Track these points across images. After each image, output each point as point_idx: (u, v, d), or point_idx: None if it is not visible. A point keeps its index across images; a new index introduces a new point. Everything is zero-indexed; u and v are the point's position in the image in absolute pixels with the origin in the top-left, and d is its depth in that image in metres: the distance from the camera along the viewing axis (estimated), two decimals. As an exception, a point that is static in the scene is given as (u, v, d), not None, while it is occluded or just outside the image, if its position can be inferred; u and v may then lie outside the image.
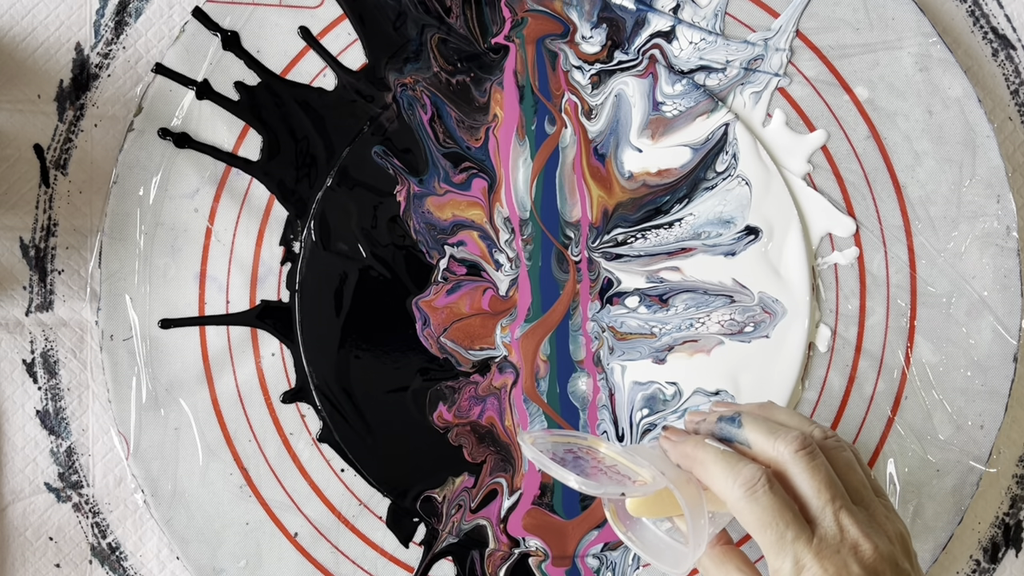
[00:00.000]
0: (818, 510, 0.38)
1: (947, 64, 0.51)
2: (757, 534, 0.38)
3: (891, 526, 0.39)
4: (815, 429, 0.40)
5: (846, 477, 0.39)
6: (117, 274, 0.50)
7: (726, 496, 0.39)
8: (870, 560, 0.37)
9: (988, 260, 0.51)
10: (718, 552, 0.42)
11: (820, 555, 0.37)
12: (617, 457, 0.43)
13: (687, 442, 0.41)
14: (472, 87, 0.51)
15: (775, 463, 0.39)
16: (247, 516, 0.51)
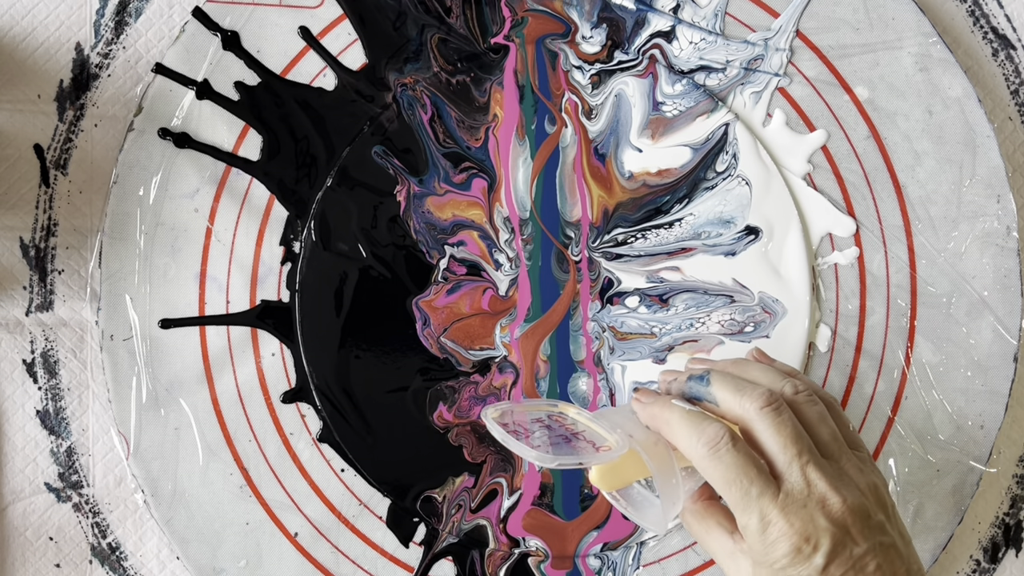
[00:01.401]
0: (784, 465, 0.37)
1: (947, 64, 0.51)
2: (723, 491, 0.38)
3: (863, 478, 0.39)
4: (786, 384, 0.40)
5: (816, 431, 0.39)
6: (117, 274, 0.50)
7: (691, 455, 0.39)
8: (838, 513, 0.37)
9: (988, 260, 0.51)
10: (700, 507, 0.42)
11: (786, 510, 0.37)
12: (586, 423, 0.42)
13: (655, 403, 0.41)
14: (472, 87, 0.51)
15: (742, 420, 0.39)
16: (247, 516, 0.51)
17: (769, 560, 0.37)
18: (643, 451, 0.40)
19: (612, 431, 0.41)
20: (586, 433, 0.42)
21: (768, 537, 0.37)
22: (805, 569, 0.36)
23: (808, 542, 0.36)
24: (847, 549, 0.37)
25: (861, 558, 0.37)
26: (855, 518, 0.37)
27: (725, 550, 0.40)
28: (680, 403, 0.40)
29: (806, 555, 0.36)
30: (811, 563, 0.36)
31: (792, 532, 0.36)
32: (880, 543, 0.37)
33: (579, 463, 0.40)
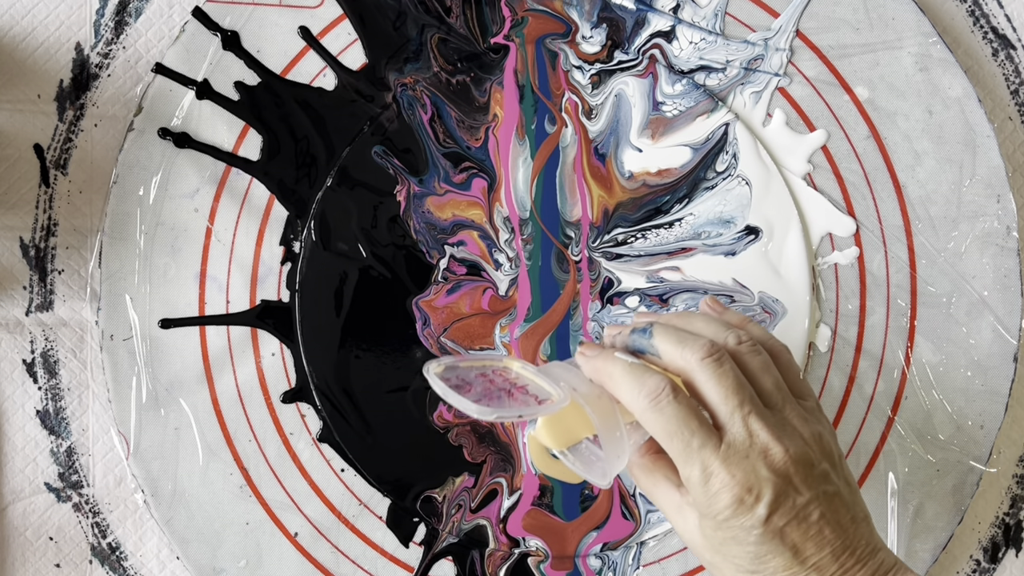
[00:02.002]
0: (726, 416, 0.37)
1: (947, 64, 0.51)
2: (665, 444, 0.37)
3: (807, 428, 0.38)
4: (729, 335, 0.40)
5: (758, 381, 0.39)
6: (117, 274, 0.50)
7: (633, 408, 0.38)
8: (780, 463, 0.37)
9: (988, 260, 0.51)
10: (647, 461, 0.41)
11: (727, 461, 0.36)
12: (530, 377, 0.42)
13: (598, 357, 0.40)
14: (472, 87, 0.51)
15: (683, 372, 0.39)
16: (247, 516, 0.51)
17: (712, 512, 0.37)
18: (586, 404, 0.39)
19: (555, 385, 0.40)
20: (529, 387, 0.41)
21: (710, 489, 0.37)
22: (748, 520, 0.36)
23: (750, 493, 0.36)
24: (790, 499, 0.36)
25: (804, 507, 0.37)
26: (798, 467, 0.37)
27: (672, 503, 0.40)
28: (624, 356, 0.40)
29: (748, 506, 0.36)
30: (754, 514, 0.36)
31: (734, 483, 0.36)
32: (824, 492, 0.37)
33: (519, 415, 0.39)
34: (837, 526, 0.37)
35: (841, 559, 0.37)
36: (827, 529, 0.37)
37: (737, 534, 0.37)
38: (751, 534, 0.36)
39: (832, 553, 0.37)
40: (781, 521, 0.36)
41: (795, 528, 0.36)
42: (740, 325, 0.41)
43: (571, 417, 0.41)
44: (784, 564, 0.37)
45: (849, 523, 0.38)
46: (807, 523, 0.37)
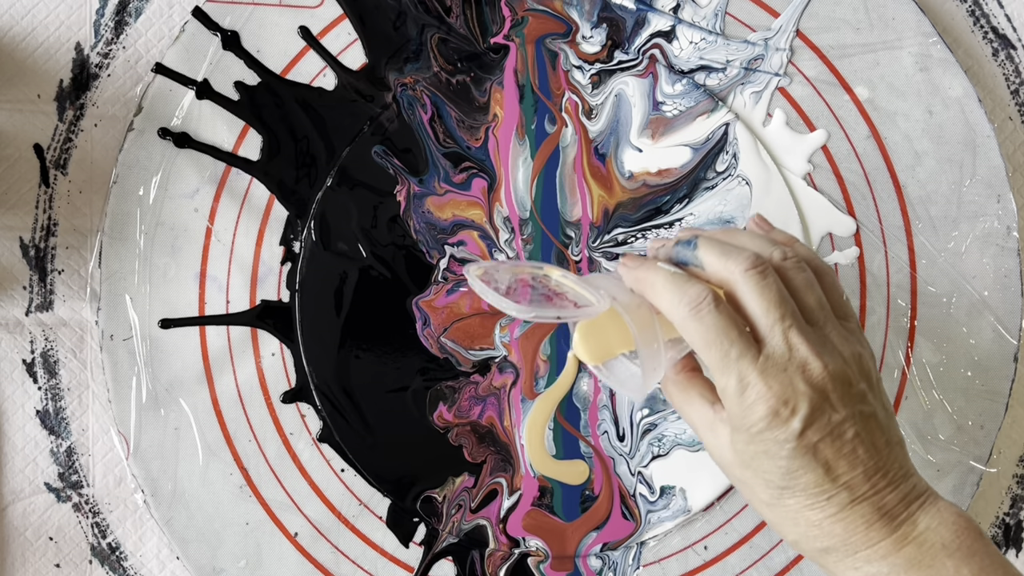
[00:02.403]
0: (766, 329, 0.37)
1: (947, 64, 0.51)
2: (703, 353, 0.37)
3: (848, 347, 0.38)
4: (775, 251, 0.39)
5: (801, 297, 0.38)
6: (117, 274, 0.50)
7: (673, 316, 0.38)
8: (818, 378, 0.36)
9: (988, 260, 0.51)
10: (682, 379, 0.41)
11: (765, 373, 0.36)
12: (570, 285, 0.41)
13: (641, 266, 0.40)
14: (472, 87, 0.51)
15: (727, 284, 0.38)
16: (247, 516, 0.51)
17: (746, 424, 0.36)
18: (625, 312, 0.39)
19: (595, 292, 0.40)
20: (569, 294, 0.41)
21: (746, 400, 0.36)
22: (782, 433, 0.36)
23: (786, 405, 0.36)
24: (825, 415, 0.36)
25: (839, 425, 0.36)
26: (835, 384, 0.36)
27: (705, 420, 0.39)
28: (666, 266, 0.39)
29: (783, 419, 0.36)
30: (788, 427, 0.36)
31: (770, 395, 0.36)
32: (860, 412, 0.37)
33: (557, 317, 0.39)
34: (871, 446, 0.37)
35: (873, 479, 0.36)
36: (860, 449, 0.36)
37: (770, 448, 0.36)
38: (784, 448, 0.36)
39: (864, 473, 0.36)
40: (815, 437, 0.36)
41: (829, 445, 0.36)
42: (787, 243, 0.40)
43: (608, 329, 0.40)
44: (815, 481, 0.36)
45: (883, 445, 0.37)
46: (841, 441, 0.36)
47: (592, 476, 0.51)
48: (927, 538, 0.36)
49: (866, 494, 0.36)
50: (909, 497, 0.37)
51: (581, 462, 0.51)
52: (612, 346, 0.41)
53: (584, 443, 0.51)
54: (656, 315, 0.39)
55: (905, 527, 0.36)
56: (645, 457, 0.51)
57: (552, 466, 0.51)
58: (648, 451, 0.51)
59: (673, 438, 0.51)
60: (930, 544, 0.36)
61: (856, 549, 0.37)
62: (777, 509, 0.38)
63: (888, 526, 0.36)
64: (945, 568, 0.36)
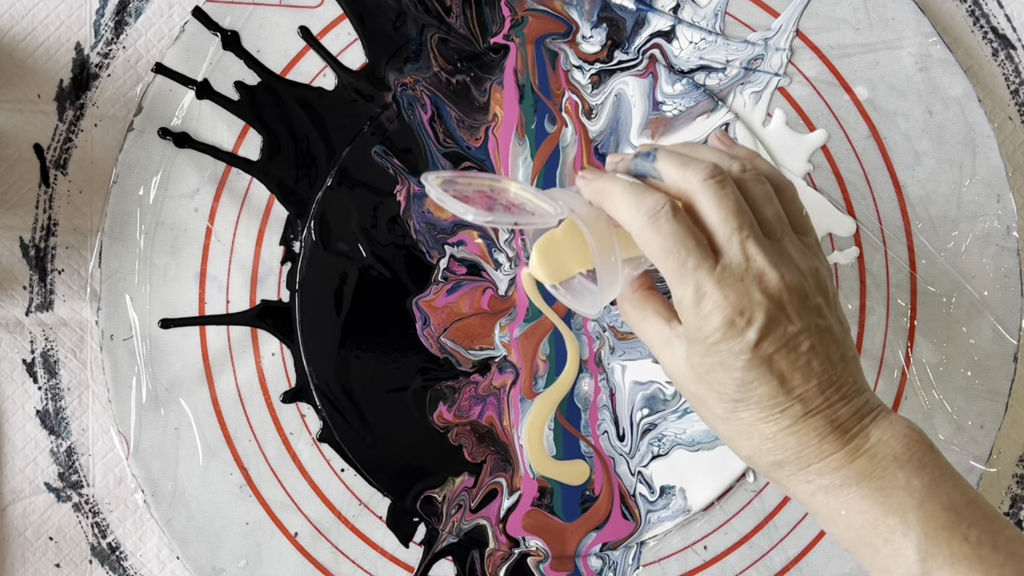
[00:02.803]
0: (724, 239, 0.37)
1: (947, 64, 0.51)
2: (660, 263, 0.37)
3: (805, 261, 0.38)
4: (734, 163, 0.39)
5: (760, 209, 0.38)
6: (117, 274, 0.50)
7: (631, 226, 0.38)
8: (774, 289, 0.36)
9: (988, 260, 0.51)
10: (639, 297, 0.41)
11: (721, 283, 0.36)
12: (528, 196, 0.41)
13: (599, 178, 0.40)
14: (472, 87, 0.51)
15: (685, 194, 0.38)
16: (247, 516, 0.51)
17: (702, 335, 0.36)
18: (583, 224, 0.38)
19: (553, 203, 0.40)
20: (527, 206, 0.40)
21: (702, 310, 0.36)
22: (737, 344, 0.36)
23: (742, 316, 0.36)
24: (781, 326, 0.36)
25: (795, 336, 0.36)
26: (792, 296, 0.36)
27: (661, 337, 0.39)
28: (625, 178, 0.39)
29: (739, 329, 0.36)
30: (744, 338, 0.36)
31: (726, 304, 0.36)
32: (816, 325, 0.37)
33: (514, 223, 0.39)
34: (826, 360, 0.37)
35: (827, 392, 0.36)
36: (815, 362, 0.36)
37: (725, 359, 0.36)
38: (739, 359, 0.36)
39: (819, 386, 0.36)
40: (770, 348, 0.36)
41: (784, 357, 0.36)
42: (747, 157, 0.40)
43: (566, 249, 0.40)
44: (770, 393, 0.36)
45: (838, 360, 0.37)
46: (796, 353, 0.36)
47: (593, 476, 0.51)
48: (878, 450, 0.36)
49: (820, 407, 0.36)
50: (862, 411, 0.37)
51: (582, 462, 0.51)
52: (569, 266, 0.41)
53: (584, 443, 0.51)
54: (614, 230, 0.39)
55: (857, 440, 0.36)
56: (645, 457, 0.51)
57: (552, 466, 0.51)
58: (648, 451, 0.51)
59: (673, 438, 0.51)
60: (881, 456, 0.36)
61: (809, 462, 0.37)
62: (731, 423, 0.38)
63: (840, 439, 0.36)
64: (896, 479, 0.36)
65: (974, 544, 0.35)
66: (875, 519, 0.36)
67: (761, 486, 0.51)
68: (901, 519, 0.35)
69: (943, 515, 0.35)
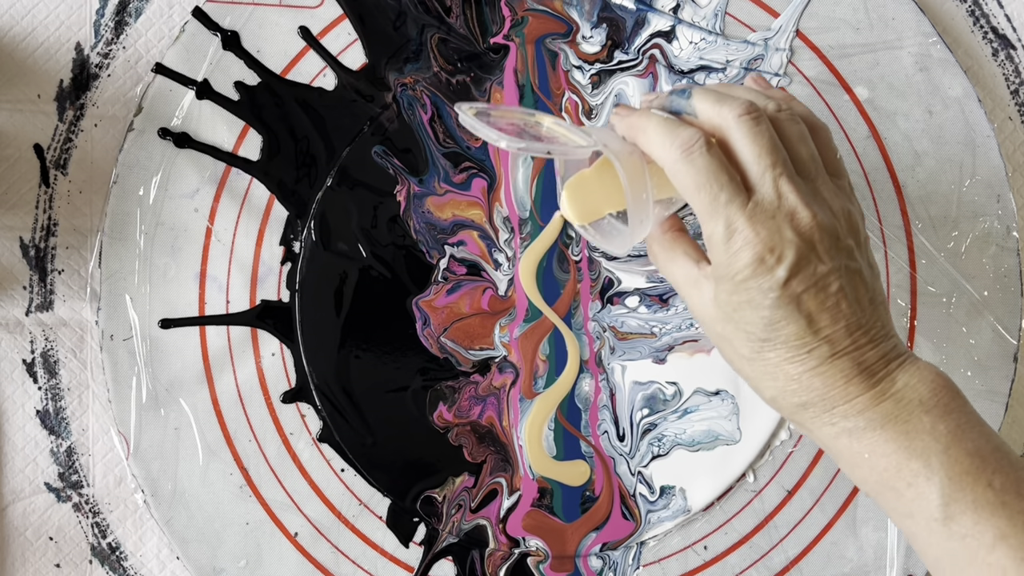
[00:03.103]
0: (757, 176, 0.36)
1: (947, 64, 0.51)
2: (692, 198, 0.37)
3: (838, 202, 0.37)
4: (770, 102, 0.38)
5: (794, 149, 0.38)
6: (117, 274, 0.50)
7: (664, 160, 0.37)
8: (806, 228, 0.36)
9: (988, 260, 0.51)
10: (668, 238, 0.41)
11: (753, 219, 0.36)
12: (561, 131, 0.41)
13: (634, 114, 0.39)
14: (472, 87, 0.51)
15: (720, 130, 0.38)
16: (247, 516, 0.51)
17: (731, 272, 0.36)
18: (615, 158, 0.38)
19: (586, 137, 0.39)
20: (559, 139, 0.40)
21: (732, 246, 0.36)
22: (767, 281, 0.35)
23: (772, 253, 0.35)
24: (811, 265, 0.36)
25: (824, 277, 0.36)
26: (823, 235, 0.36)
27: (689, 276, 0.39)
28: (660, 113, 0.39)
29: (769, 266, 0.35)
30: (773, 275, 0.35)
31: (757, 241, 0.35)
32: (846, 266, 0.36)
33: (547, 151, 0.38)
34: (855, 302, 0.36)
35: (855, 335, 0.36)
36: (844, 303, 0.36)
37: (753, 297, 0.36)
38: (767, 297, 0.36)
39: (846, 327, 0.36)
40: (799, 287, 0.36)
41: (812, 296, 0.36)
42: (783, 99, 0.40)
43: (596, 189, 0.40)
44: (797, 332, 0.36)
45: (867, 303, 0.37)
46: (825, 293, 0.36)
47: (593, 476, 0.51)
48: (904, 395, 0.36)
49: (847, 349, 0.36)
50: (889, 356, 0.37)
51: (582, 462, 0.51)
52: (599, 206, 0.41)
53: (585, 443, 0.51)
54: (647, 166, 0.39)
55: (883, 384, 0.36)
56: (645, 457, 0.51)
57: (553, 467, 0.51)
58: (648, 451, 0.51)
59: (673, 438, 0.51)
60: (907, 400, 0.36)
61: (834, 404, 0.37)
62: (757, 364, 0.37)
63: (867, 382, 0.36)
64: (921, 423, 0.36)
65: (998, 490, 0.34)
66: (899, 463, 0.35)
67: (761, 486, 0.51)
68: (925, 463, 0.35)
69: (967, 460, 0.35)
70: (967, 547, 0.34)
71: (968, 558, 0.34)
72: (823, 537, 0.51)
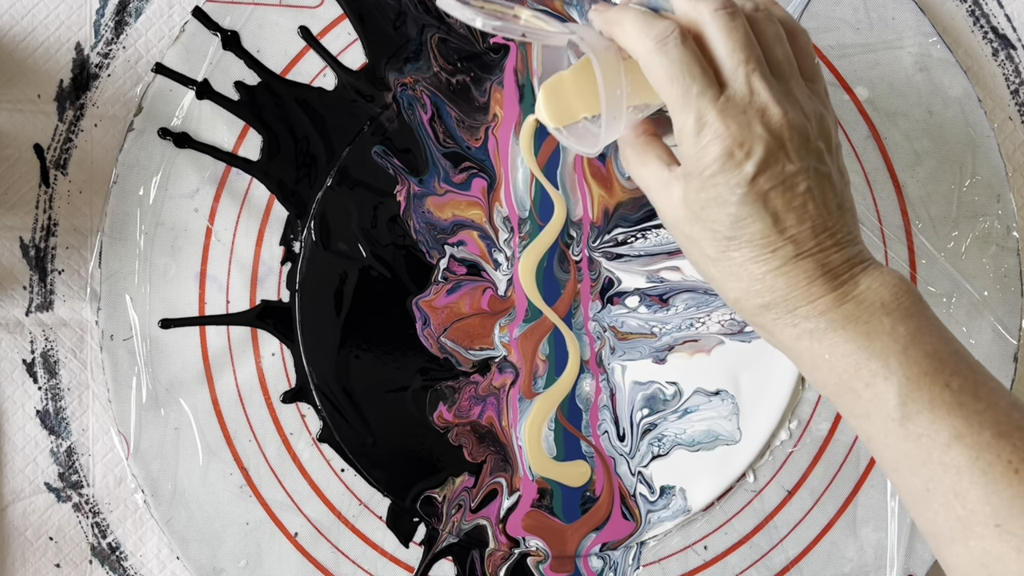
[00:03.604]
0: (730, 70, 0.36)
1: (947, 64, 0.51)
2: (664, 89, 0.37)
3: (811, 105, 0.37)
4: (747, 1, 0.38)
5: (770, 50, 0.38)
6: (117, 274, 0.50)
7: (638, 52, 0.37)
8: (776, 125, 0.36)
9: (988, 260, 0.51)
10: (641, 142, 0.41)
11: (724, 113, 0.36)
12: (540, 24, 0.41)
13: (612, 9, 0.39)
14: (472, 87, 0.51)
15: (695, 24, 0.37)
16: (247, 516, 0.51)
17: (700, 167, 0.36)
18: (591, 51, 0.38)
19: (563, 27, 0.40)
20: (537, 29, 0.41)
21: (702, 139, 0.36)
22: (734, 176, 0.36)
23: (741, 148, 0.35)
24: (779, 163, 0.36)
25: (792, 176, 0.36)
26: (793, 134, 0.36)
27: (660, 179, 0.39)
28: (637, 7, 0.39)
29: (737, 161, 0.35)
30: (741, 171, 0.35)
31: (727, 134, 0.35)
32: (815, 168, 0.37)
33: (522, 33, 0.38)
34: (822, 205, 0.37)
35: (820, 237, 0.36)
36: (811, 205, 0.36)
37: (721, 193, 0.36)
38: (735, 193, 0.36)
39: (812, 229, 0.36)
40: (767, 184, 0.36)
41: (779, 195, 0.36)
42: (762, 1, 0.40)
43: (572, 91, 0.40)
44: (762, 231, 0.36)
45: (835, 208, 0.37)
46: (792, 192, 0.36)
47: (594, 477, 0.51)
48: (866, 297, 0.36)
49: (811, 250, 0.36)
50: (853, 260, 0.37)
51: (583, 463, 0.51)
52: (575, 110, 0.41)
53: (585, 443, 0.51)
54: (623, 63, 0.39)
55: (846, 286, 0.37)
56: (645, 457, 0.51)
57: (553, 467, 0.51)
58: (648, 451, 0.51)
59: (673, 438, 0.51)
60: (869, 303, 0.36)
61: (796, 305, 0.37)
62: (722, 264, 0.38)
63: (829, 284, 0.36)
64: (882, 324, 0.36)
65: (955, 391, 0.35)
66: (858, 363, 0.36)
67: (761, 486, 0.51)
68: (884, 363, 0.35)
69: (926, 361, 0.35)
70: (922, 447, 0.35)
71: (923, 458, 0.35)
72: (823, 537, 0.51)
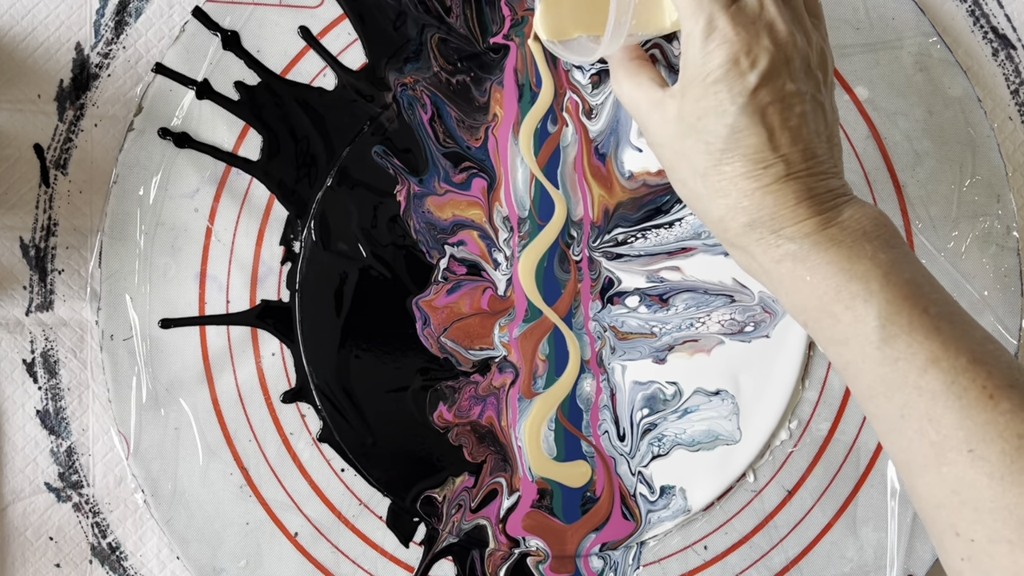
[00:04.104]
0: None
1: (947, 64, 0.51)
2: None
3: (815, 37, 0.38)
4: None
5: None
6: (117, 274, 0.50)
7: None
8: (784, 40, 0.36)
9: (988, 260, 0.51)
10: (635, 65, 0.41)
11: (735, 20, 0.36)
12: None
13: None
14: (472, 86, 0.51)
15: None
16: (247, 516, 0.51)
17: (704, 71, 0.36)
18: None
19: None
20: None
21: (710, 44, 0.36)
22: (737, 84, 0.36)
23: (747, 56, 0.36)
24: (781, 79, 0.36)
25: (792, 96, 0.36)
26: (796, 55, 0.37)
27: (652, 98, 0.40)
28: None
29: (742, 69, 0.36)
30: (744, 80, 0.36)
31: (736, 40, 0.36)
32: (812, 96, 0.37)
33: None
34: (815, 133, 0.37)
35: (810, 162, 0.37)
36: (805, 129, 0.37)
37: (722, 101, 0.36)
38: (735, 102, 0.36)
39: (803, 152, 0.37)
40: (767, 98, 0.36)
41: (777, 111, 0.36)
42: None
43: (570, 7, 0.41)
44: (757, 145, 0.36)
45: (825, 140, 0.38)
46: (789, 112, 0.36)
47: (595, 477, 0.51)
48: (849, 224, 0.37)
49: (801, 172, 0.37)
50: (837, 192, 0.38)
51: (583, 463, 0.51)
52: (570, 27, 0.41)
53: (586, 443, 0.51)
54: None
55: (830, 213, 0.37)
56: (645, 457, 0.51)
57: (553, 467, 0.51)
58: (648, 451, 0.51)
59: (673, 438, 0.51)
60: (852, 229, 0.37)
61: (782, 224, 0.37)
62: (712, 178, 0.38)
63: (815, 207, 0.37)
64: (864, 250, 0.36)
65: (933, 316, 0.35)
66: (839, 284, 0.36)
67: (761, 486, 0.51)
68: (865, 286, 0.36)
69: (906, 287, 0.36)
70: (898, 370, 0.35)
71: (899, 382, 0.35)
72: (823, 537, 0.51)
